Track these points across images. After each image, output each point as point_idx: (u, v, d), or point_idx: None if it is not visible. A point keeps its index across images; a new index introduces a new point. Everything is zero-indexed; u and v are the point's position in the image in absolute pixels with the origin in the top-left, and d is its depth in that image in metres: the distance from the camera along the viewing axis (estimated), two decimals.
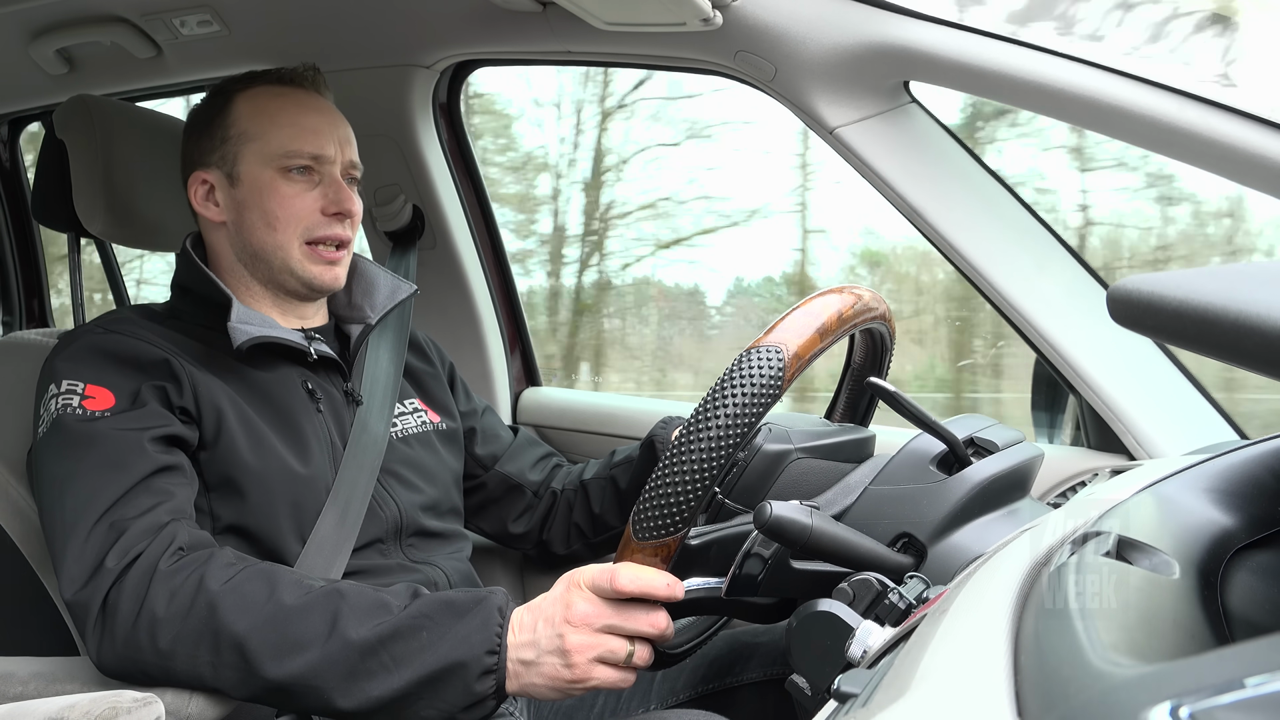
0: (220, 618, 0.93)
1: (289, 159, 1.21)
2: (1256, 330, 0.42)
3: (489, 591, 0.95)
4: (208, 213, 1.25)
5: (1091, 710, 0.32)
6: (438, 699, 0.91)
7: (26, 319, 2.43)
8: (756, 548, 0.87)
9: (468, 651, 0.90)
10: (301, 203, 1.22)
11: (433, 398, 1.41)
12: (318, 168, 1.23)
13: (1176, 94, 1.11)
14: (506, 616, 0.92)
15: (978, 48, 1.21)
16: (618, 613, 0.90)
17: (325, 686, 0.92)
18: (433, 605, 0.94)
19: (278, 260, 1.23)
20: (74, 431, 1.05)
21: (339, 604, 0.94)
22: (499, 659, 0.91)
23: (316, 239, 1.23)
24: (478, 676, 0.90)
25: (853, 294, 0.94)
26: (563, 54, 1.56)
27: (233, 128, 1.24)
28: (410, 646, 0.91)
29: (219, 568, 0.97)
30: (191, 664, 0.94)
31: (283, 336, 1.19)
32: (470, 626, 0.91)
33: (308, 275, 1.24)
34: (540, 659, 0.90)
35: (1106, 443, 1.33)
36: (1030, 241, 1.34)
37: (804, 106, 1.35)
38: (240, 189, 1.23)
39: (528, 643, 0.91)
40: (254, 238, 1.23)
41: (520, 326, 1.98)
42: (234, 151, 1.23)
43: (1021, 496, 0.93)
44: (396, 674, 0.91)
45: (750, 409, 0.82)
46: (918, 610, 0.69)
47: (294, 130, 1.22)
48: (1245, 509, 0.59)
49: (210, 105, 1.27)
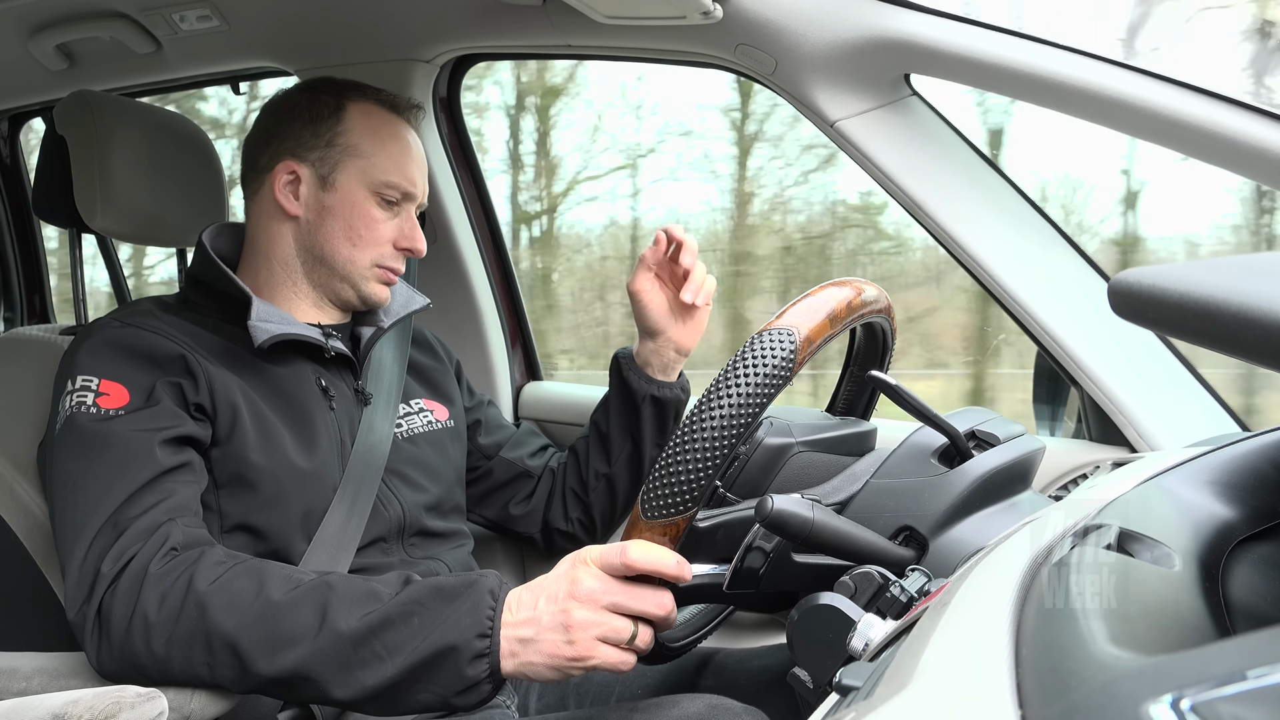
0: (210, 618, 0.93)
1: (387, 189, 1.25)
2: (1258, 323, 0.42)
3: (480, 574, 0.95)
4: (285, 202, 1.25)
5: (1093, 703, 0.32)
6: (432, 684, 0.91)
7: (28, 315, 2.44)
8: (758, 541, 0.87)
9: (458, 636, 0.90)
10: (383, 230, 1.26)
11: (441, 393, 1.42)
12: (403, 203, 1.27)
13: (1179, 86, 1.11)
14: (499, 599, 0.92)
15: (979, 40, 1.20)
16: (625, 591, 0.89)
17: (320, 678, 0.92)
18: (423, 591, 0.93)
19: (343, 271, 1.25)
20: (86, 431, 1.06)
21: (328, 596, 0.94)
22: (491, 642, 0.90)
23: (382, 266, 1.27)
24: (470, 660, 0.90)
25: (859, 286, 0.95)
26: (563, 48, 1.55)
27: (342, 136, 1.25)
28: (402, 634, 0.91)
29: (208, 567, 0.97)
30: (188, 665, 0.94)
31: (302, 333, 1.20)
32: (461, 611, 0.91)
33: (368, 291, 1.27)
34: (540, 636, 0.89)
35: (1108, 435, 1.34)
36: (1031, 234, 1.34)
37: (805, 100, 1.35)
38: (332, 195, 1.24)
39: (528, 620, 0.90)
40: (329, 244, 1.24)
41: (521, 321, 1.98)
42: (338, 159, 1.24)
43: (1023, 489, 0.93)
44: (389, 662, 0.91)
45: (762, 390, 0.82)
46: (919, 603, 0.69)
47: (399, 163, 1.26)
48: (1246, 501, 0.59)
49: (318, 102, 1.27)
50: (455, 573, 1.24)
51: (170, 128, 1.45)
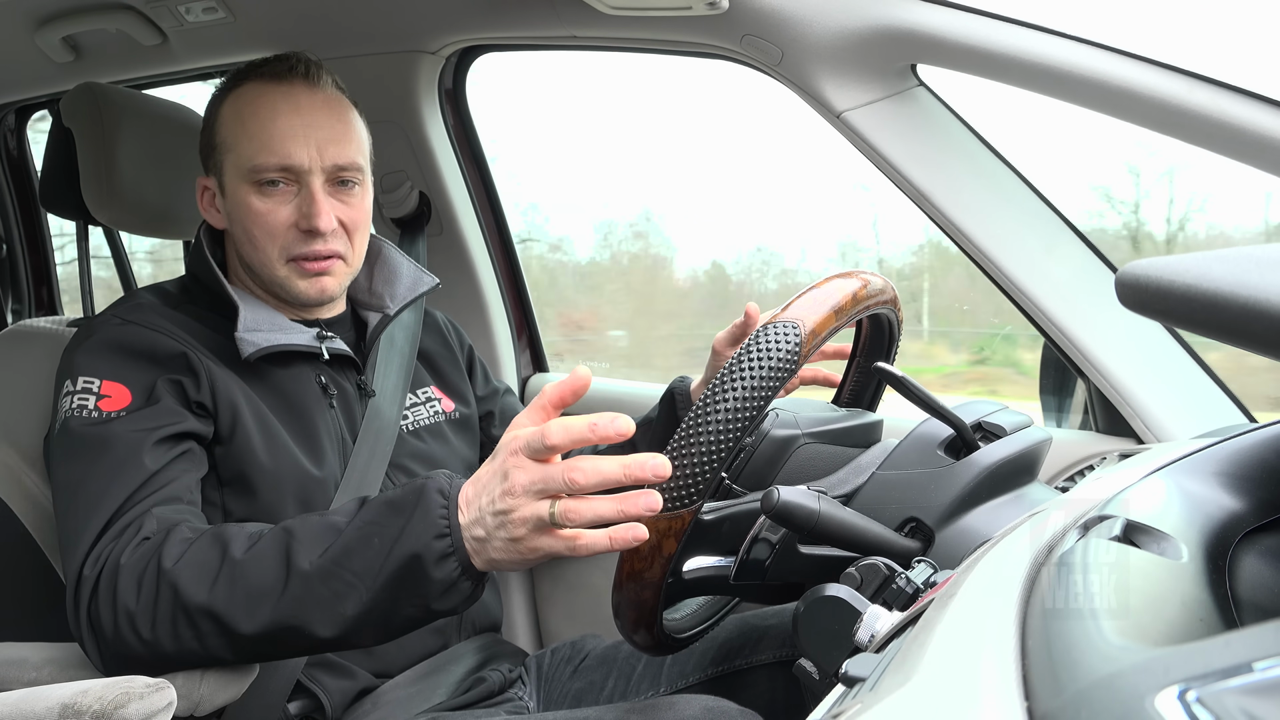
0: (183, 593, 0.93)
1: (256, 173, 1.15)
2: (1266, 314, 0.42)
3: (427, 477, 0.93)
4: (211, 219, 1.24)
5: (1099, 694, 0.32)
6: (412, 595, 0.90)
7: (35, 306, 2.44)
8: (764, 533, 0.87)
9: (417, 543, 0.88)
10: (275, 219, 1.16)
11: (448, 383, 1.41)
12: (291, 179, 1.16)
13: (1187, 76, 1.10)
14: (451, 497, 0.90)
15: (986, 30, 1.20)
16: (547, 475, 0.84)
17: (302, 624, 0.92)
18: (376, 510, 0.92)
19: (264, 276, 1.21)
20: (84, 436, 1.06)
21: (288, 541, 0.93)
22: (452, 541, 0.88)
23: (295, 256, 1.18)
24: (435, 562, 0.88)
25: (864, 278, 0.95)
26: (568, 39, 1.55)
27: (216, 135, 1.20)
28: (366, 557, 0.90)
29: (173, 545, 0.96)
30: (178, 643, 0.95)
31: (292, 342, 1.18)
32: (414, 518, 0.89)
33: (294, 291, 1.20)
34: (490, 535, 0.87)
35: (1115, 426, 1.33)
36: (1039, 225, 1.34)
37: (811, 90, 1.34)
38: (227, 201, 1.20)
39: (474, 520, 0.88)
40: (243, 252, 1.21)
41: (527, 312, 1.98)
42: (219, 161, 1.20)
43: (1029, 481, 0.93)
44: (361, 587, 0.90)
45: (768, 382, 0.82)
46: (925, 594, 0.70)
47: (261, 140, 1.15)
48: (1254, 493, 0.59)
49: (208, 106, 1.24)
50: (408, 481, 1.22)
51: (176, 120, 1.45)
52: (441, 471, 0.94)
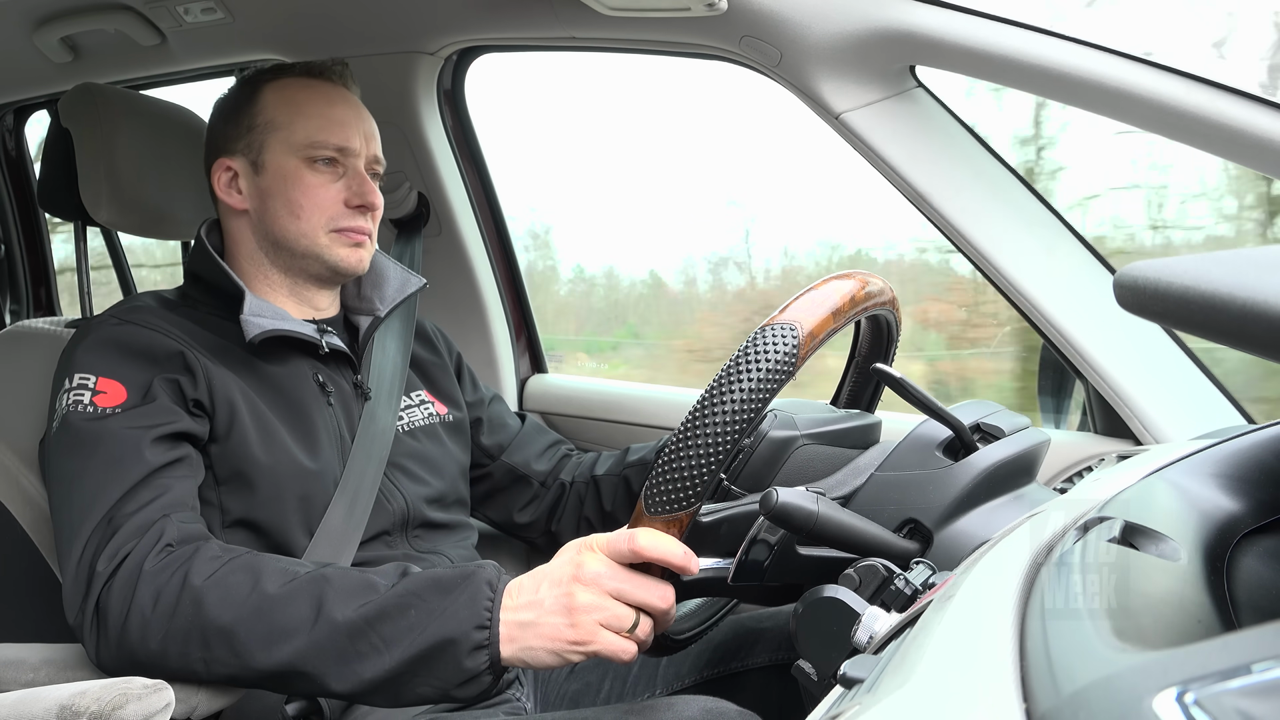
0: (206, 613, 0.93)
1: (315, 149, 1.22)
2: (1263, 316, 0.42)
3: (478, 565, 0.94)
4: (230, 200, 1.26)
5: (1097, 696, 0.32)
6: (432, 676, 0.90)
7: (34, 307, 2.44)
8: (762, 534, 0.87)
9: (456, 628, 0.89)
10: (326, 193, 1.23)
11: (439, 388, 1.41)
12: (342, 160, 1.24)
13: (1184, 77, 1.10)
14: (497, 590, 0.91)
15: (984, 31, 1.20)
16: (630, 579, 0.88)
17: (317, 671, 0.92)
18: (420, 583, 0.93)
19: (301, 247, 1.24)
20: (81, 431, 1.06)
21: (324, 589, 0.93)
22: (490, 633, 0.89)
23: (339, 229, 1.24)
24: (469, 652, 0.89)
25: (862, 279, 0.95)
26: (567, 40, 1.55)
27: (259, 116, 1.25)
28: (399, 626, 0.90)
29: (203, 562, 0.97)
30: (184, 661, 0.94)
31: (295, 330, 1.19)
32: (459, 602, 0.90)
33: (334, 258, 1.24)
34: (542, 619, 0.88)
35: (1113, 428, 1.33)
36: (1037, 227, 1.34)
37: (809, 92, 1.34)
38: (265, 177, 1.24)
39: (529, 604, 0.89)
40: (277, 225, 1.23)
41: (526, 313, 1.98)
42: (260, 140, 1.24)
43: (1028, 482, 0.93)
44: (387, 654, 0.90)
45: (765, 385, 0.82)
46: (924, 596, 0.70)
47: (321, 121, 1.23)
48: (1252, 494, 0.59)
49: (238, 94, 1.28)
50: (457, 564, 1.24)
51: (175, 120, 1.45)
52: (490, 563, 0.95)
